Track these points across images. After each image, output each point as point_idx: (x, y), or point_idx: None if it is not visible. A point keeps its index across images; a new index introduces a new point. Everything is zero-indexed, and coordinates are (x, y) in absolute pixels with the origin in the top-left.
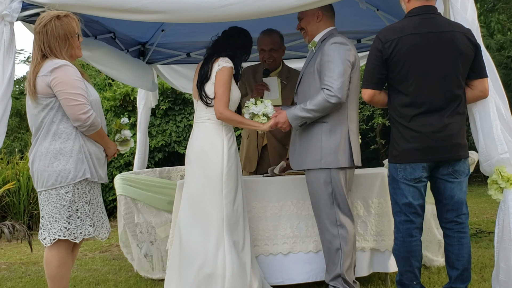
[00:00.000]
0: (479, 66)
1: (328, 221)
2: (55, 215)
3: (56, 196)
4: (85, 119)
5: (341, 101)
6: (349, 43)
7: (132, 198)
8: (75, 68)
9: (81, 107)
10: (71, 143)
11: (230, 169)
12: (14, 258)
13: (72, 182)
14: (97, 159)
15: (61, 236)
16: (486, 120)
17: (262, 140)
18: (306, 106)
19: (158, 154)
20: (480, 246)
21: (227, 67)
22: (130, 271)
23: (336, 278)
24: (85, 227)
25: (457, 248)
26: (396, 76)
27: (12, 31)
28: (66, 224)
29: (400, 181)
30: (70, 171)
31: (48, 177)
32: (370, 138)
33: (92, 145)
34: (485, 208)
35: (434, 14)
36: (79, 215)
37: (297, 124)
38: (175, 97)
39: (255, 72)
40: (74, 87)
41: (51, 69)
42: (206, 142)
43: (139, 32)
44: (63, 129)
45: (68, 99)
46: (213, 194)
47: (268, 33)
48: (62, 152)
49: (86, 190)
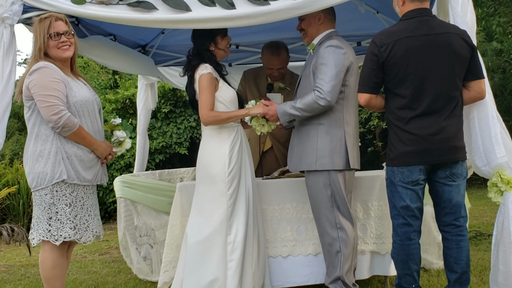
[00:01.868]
0: (475, 67)
1: (327, 223)
2: (40, 216)
3: (39, 197)
4: (56, 120)
5: (330, 104)
6: (345, 47)
7: (131, 201)
8: (55, 69)
9: (51, 108)
10: (49, 144)
11: (233, 170)
12: (13, 261)
13: (49, 184)
14: (80, 161)
15: (44, 238)
16: (485, 123)
17: (263, 145)
18: (296, 104)
19: (159, 156)
20: (479, 249)
21: (204, 74)
22: (130, 273)
23: (336, 280)
24: (65, 229)
25: (455, 251)
26: (393, 79)
27: (13, 34)
28: (47, 226)
29: (397, 184)
30: (47, 173)
31: (32, 179)
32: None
33: (72, 146)
34: (485, 211)
35: (429, 16)
36: (59, 217)
37: (285, 120)
38: (176, 100)
39: (257, 76)
40: (48, 88)
41: (31, 72)
42: (209, 148)
43: (139, 35)
44: (43, 131)
45: (40, 101)
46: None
47: (277, 53)
48: (41, 154)
49: (67, 193)
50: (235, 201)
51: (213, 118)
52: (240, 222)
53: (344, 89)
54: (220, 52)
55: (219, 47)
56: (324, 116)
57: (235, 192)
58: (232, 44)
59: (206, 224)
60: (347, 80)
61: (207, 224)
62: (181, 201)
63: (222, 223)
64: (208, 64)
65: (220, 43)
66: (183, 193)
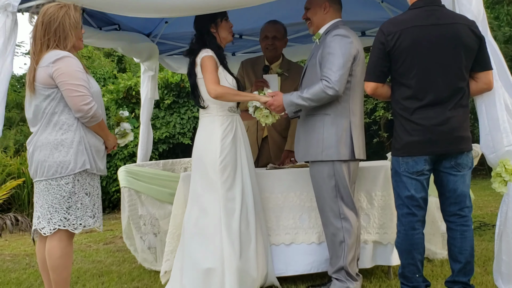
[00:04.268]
0: (483, 58)
1: (331, 214)
2: (55, 205)
3: (57, 186)
4: (87, 110)
5: (337, 93)
6: (351, 36)
7: (135, 191)
8: (77, 60)
9: (83, 98)
10: (72, 134)
11: (225, 159)
12: (18, 250)
13: (72, 172)
14: (97, 151)
15: (61, 226)
16: (492, 112)
17: (262, 132)
18: (302, 94)
19: (163, 146)
20: (483, 239)
21: (207, 55)
22: (134, 262)
23: (339, 270)
24: (85, 218)
25: (460, 241)
26: (399, 68)
27: (14, 22)
28: (66, 215)
29: (402, 174)
30: (70, 162)
31: (49, 167)
32: (373, 131)
33: (92, 137)
34: (489, 201)
35: (437, 6)
36: (79, 206)
37: (291, 110)
38: (179, 91)
39: (254, 64)
40: (76, 78)
41: (53, 60)
42: (202, 136)
43: (143, 24)
44: (65, 120)
45: (70, 90)
46: (209, 185)
47: (273, 22)
48: (63, 143)
49: (86, 182)
50: (229, 190)
51: (222, 90)
52: (236, 212)
53: (351, 79)
54: (223, 34)
55: (220, 29)
56: (330, 106)
57: (228, 181)
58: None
59: (201, 213)
60: (354, 70)
61: (202, 214)
62: (184, 191)
63: (216, 212)
64: (209, 49)
65: (221, 26)
66: (186, 183)
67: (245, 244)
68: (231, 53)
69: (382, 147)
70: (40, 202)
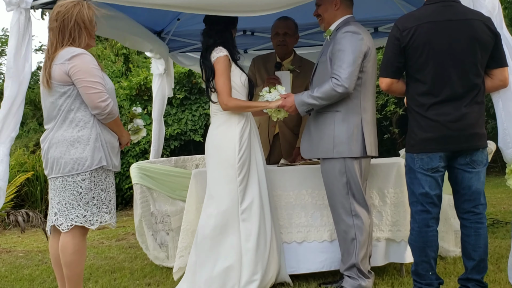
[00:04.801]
0: (498, 54)
1: (343, 211)
2: (72, 202)
3: (73, 183)
4: (104, 107)
5: (347, 91)
6: (362, 32)
7: (147, 187)
8: (92, 57)
9: (99, 95)
10: (88, 131)
11: (243, 156)
12: (31, 246)
13: (88, 169)
14: (112, 148)
15: (77, 223)
16: (509, 107)
17: (274, 128)
18: (313, 93)
19: (174, 142)
20: (497, 236)
21: (221, 57)
22: (146, 259)
23: (351, 268)
24: (101, 214)
25: (474, 238)
26: (414, 64)
27: (28, 18)
28: (83, 211)
29: (417, 170)
30: (87, 159)
31: (65, 164)
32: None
33: (108, 133)
34: (503, 199)
35: (453, 1)
36: (95, 202)
37: (303, 110)
38: (191, 87)
39: (266, 61)
40: (93, 75)
41: (69, 57)
42: (219, 133)
43: (155, 21)
44: (81, 117)
45: (87, 87)
46: (227, 182)
47: (284, 19)
48: (79, 139)
49: (102, 178)
50: (246, 187)
51: (234, 104)
52: (254, 209)
53: (362, 75)
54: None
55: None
56: (341, 103)
57: (246, 177)
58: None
59: (217, 210)
60: (365, 66)
61: (218, 210)
62: (196, 187)
63: (233, 210)
64: (223, 47)
65: (234, 30)
66: (198, 180)
67: (261, 241)
68: (243, 50)
69: (393, 144)
70: (56, 198)
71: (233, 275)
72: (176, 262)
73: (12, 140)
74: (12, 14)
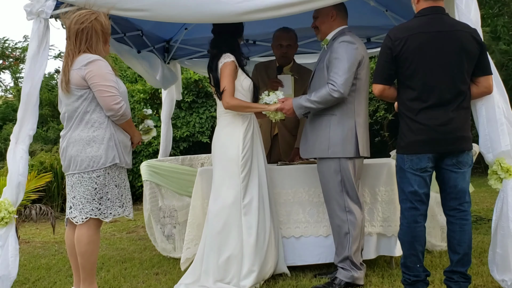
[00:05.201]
0: (484, 63)
1: (337, 207)
2: (87, 197)
3: (89, 179)
4: (118, 109)
5: (343, 96)
6: (357, 42)
7: (156, 184)
8: (107, 63)
9: (113, 98)
10: (102, 131)
11: (246, 154)
12: (48, 237)
13: (103, 166)
14: (124, 147)
15: (92, 215)
16: (491, 114)
17: (274, 129)
18: (310, 97)
19: (183, 144)
20: (479, 232)
21: (228, 62)
22: (154, 250)
23: (344, 260)
24: (114, 208)
25: (459, 234)
26: (405, 72)
27: (47, 27)
28: (97, 205)
29: (406, 170)
30: (101, 157)
31: (81, 162)
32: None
33: (121, 133)
34: (485, 197)
35: (442, 14)
36: (109, 197)
37: (300, 112)
38: (198, 91)
39: (268, 68)
40: (107, 79)
41: (86, 63)
42: (225, 134)
43: (164, 30)
44: (96, 118)
45: (102, 91)
46: (232, 179)
47: (286, 31)
48: (94, 139)
49: (115, 175)
50: (248, 183)
51: (235, 103)
52: (254, 204)
53: (356, 82)
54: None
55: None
56: (336, 108)
57: (248, 175)
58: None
59: (223, 206)
60: (359, 74)
61: (224, 205)
62: (201, 184)
63: (236, 204)
64: (230, 53)
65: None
66: (203, 177)
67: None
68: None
69: (384, 146)
70: (72, 193)
71: (235, 264)
72: (184, 253)
73: (31, 139)
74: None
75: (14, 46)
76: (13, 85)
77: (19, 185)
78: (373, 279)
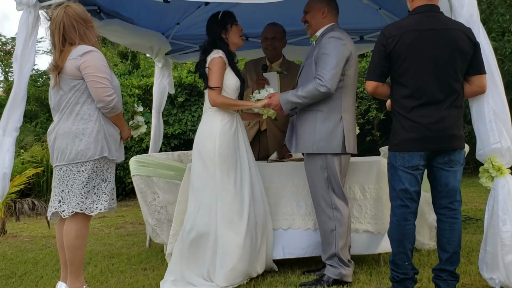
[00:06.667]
0: (477, 63)
1: (324, 204)
2: (74, 190)
3: (77, 172)
4: (109, 101)
5: (329, 91)
6: (345, 38)
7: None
8: (103, 55)
9: (105, 90)
10: (92, 124)
11: (223, 152)
12: (35, 232)
13: (91, 159)
14: (114, 140)
15: (77, 210)
16: (481, 112)
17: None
18: (297, 92)
19: (174, 141)
20: (468, 232)
21: (216, 57)
22: (143, 246)
23: (332, 257)
24: (101, 202)
25: (448, 232)
26: (398, 69)
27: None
28: (83, 199)
29: (398, 168)
30: (90, 149)
31: (69, 154)
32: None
33: (110, 127)
34: (474, 198)
35: (436, 12)
36: (95, 191)
37: (287, 108)
38: (191, 89)
39: (256, 65)
40: (101, 71)
41: (82, 53)
42: (202, 130)
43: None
44: (86, 110)
45: (94, 81)
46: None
47: (272, 24)
48: (84, 132)
49: (104, 169)
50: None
51: (221, 101)
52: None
53: (343, 78)
54: (234, 40)
55: (231, 35)
56: (323, 103)
57: (225, 174)
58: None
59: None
60: (346, 70)
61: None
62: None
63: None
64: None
65: (232, 31)
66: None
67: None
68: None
69: (375, 145)
70: (60, 187)
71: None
72: (168, 247)
73: (17, 130)
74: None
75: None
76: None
77: (4, 176)
78: (361, 277)
